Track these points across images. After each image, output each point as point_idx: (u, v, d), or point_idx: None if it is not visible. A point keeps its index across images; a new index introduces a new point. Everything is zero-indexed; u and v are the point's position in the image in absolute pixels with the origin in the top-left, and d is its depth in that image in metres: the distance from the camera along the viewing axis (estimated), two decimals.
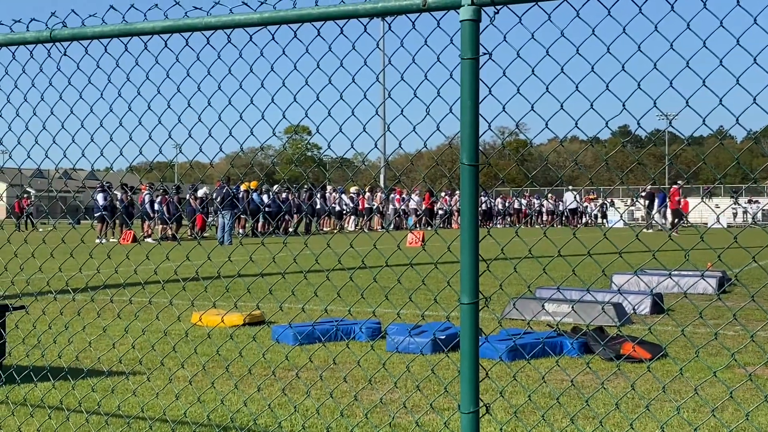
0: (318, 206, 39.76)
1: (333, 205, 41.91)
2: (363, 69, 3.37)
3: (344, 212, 42.90)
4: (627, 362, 7.45)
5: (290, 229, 38.12)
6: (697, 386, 4.33)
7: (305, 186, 38.96)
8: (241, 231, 34.57)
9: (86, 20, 3.65)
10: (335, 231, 39.32)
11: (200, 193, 35.32)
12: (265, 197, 36.69)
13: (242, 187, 33.04)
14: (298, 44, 3.34)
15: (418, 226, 44.18)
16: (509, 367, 7.07)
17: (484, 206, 52.89)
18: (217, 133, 3.81)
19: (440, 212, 47.76)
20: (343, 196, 43.11)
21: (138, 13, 3.53)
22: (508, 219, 54.69)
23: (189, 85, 3.64)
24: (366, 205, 43.95)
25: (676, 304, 11.36)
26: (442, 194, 50.08)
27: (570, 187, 60.12)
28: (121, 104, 3.82)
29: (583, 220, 55.48)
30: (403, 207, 47.25)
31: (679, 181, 38.63)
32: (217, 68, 3.60)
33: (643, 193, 43.71)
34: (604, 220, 55.32)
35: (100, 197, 32.21)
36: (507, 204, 54.90)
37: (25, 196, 51.12)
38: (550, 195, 61.25)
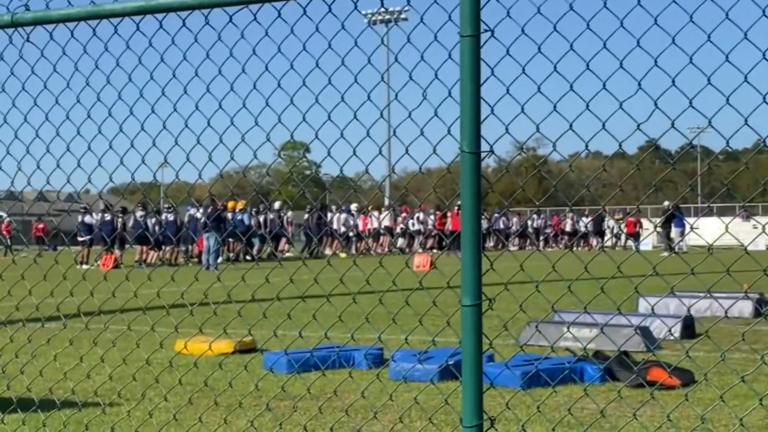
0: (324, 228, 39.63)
1: (341, 227, 41.79)
2: (357, 58, 3.36)
3: (350, 234, 42.73)
4: (653, 389, 7.39)
5: (288, 252, 38.05)
6: (742, 417, 4.29)
7: (308, 207, 38.90)
8: (231, 255, 34.37)
9: (51, 2, 3.64)
10: (338, 253, 39.11)
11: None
12: (261, 218, 36.65)
13: (229, 206, 32.72)
14: (284, 26, 3.33)
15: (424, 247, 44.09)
16: (527, 394, 7.02)
17: (501, 226, 52.88)
18: (203, 139, 3.80)
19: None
20: (348, 216, 42.96)
21: None
22: (520, 240, 54.55)
23: (163, 70, 3.63)
24: (371, 226, 43.82)
25: (708, 328, 11.28)
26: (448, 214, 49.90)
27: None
28: (90, 95, 3.81)
29: (605, 239, 55.39)
30: (416, 228, 47.08)
31: None
32: (194, 53, 3.60)
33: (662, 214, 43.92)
34: (635, 242, 55.14)
35: (86, 220, 32.16)
36: (522, 224, 54.77)
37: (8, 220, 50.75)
38: (571, 215, 61.07)
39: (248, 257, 34.42)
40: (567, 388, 7.57)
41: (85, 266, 28.90)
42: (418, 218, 47.55)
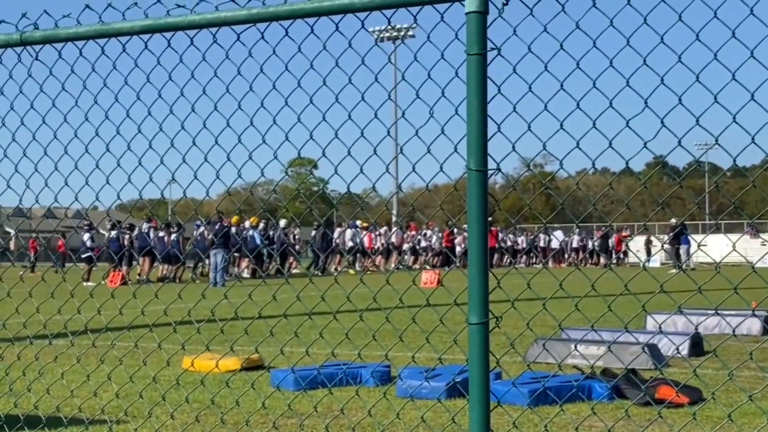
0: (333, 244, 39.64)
1: (349, 242, 41.77)
2: (364, 75, 3.37)
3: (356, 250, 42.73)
4: (661, 407, 7.36)
5: (294, 270, 38.05)
6: None
7: (315, 224, 38.92)
8: (236, 269, 34.37)
9: (59, 21, 3.66)
10: (345, 269, 39.09)
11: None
12: (270, 233, 36.70)
13: (233, 221, 32.58)
14: (291, 44, 3.35)
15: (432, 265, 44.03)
16: (534, 412, 7.00)
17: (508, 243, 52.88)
18: (206, 151, 3.81)
19: (458, 248, 47.51)
20: (354, 231, 42.90)
21: (116, 13, 3.54)
22: (528, 258, 54.53)
23: (171, 88, 3.64)
24: (377, 244, 43.79)
25: (717, 346, 11.26)
26: (455, 231, 49.87)
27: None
28: (98, 112, 3.82)
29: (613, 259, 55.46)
30: (424, 245, 47.07)
31: None
32: (202, 70, 3.61)
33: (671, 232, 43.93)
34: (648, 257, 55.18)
35: (86, 237, 32.19)
36: (531, 239, 54.80)
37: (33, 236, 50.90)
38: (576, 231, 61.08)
39: (258, 274, 34.40)
40: (574, 406, 7.55)
41: (87, 283, 28.87)
42: (425, 235, 47.57)
